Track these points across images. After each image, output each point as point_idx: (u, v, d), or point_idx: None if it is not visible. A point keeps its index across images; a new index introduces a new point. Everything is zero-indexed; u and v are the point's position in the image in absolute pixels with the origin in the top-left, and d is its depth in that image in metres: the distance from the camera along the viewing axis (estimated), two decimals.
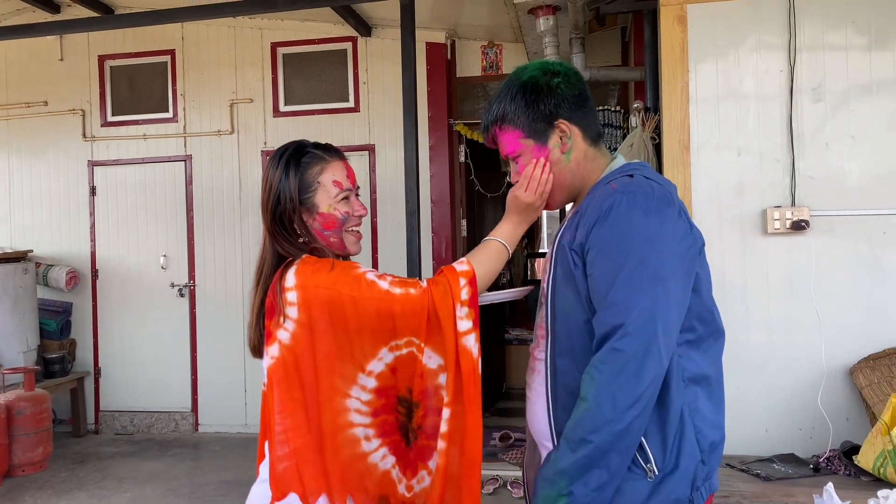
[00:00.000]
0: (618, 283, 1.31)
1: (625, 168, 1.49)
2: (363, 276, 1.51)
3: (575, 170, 1.52)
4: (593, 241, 1.37)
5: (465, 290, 1.49)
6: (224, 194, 5.96)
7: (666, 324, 1.31)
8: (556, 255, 1.46)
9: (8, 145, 6.34)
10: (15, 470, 4.88)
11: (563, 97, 1.49)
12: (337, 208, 1.61)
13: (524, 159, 1.52)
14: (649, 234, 1.33)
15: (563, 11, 4.13)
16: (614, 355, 1.29)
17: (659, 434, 1.35)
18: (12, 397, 4.92)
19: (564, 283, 1.42)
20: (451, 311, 1.47)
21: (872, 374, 3.05)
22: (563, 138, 1.49)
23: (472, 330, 1.49)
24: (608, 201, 1.37)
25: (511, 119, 1.51)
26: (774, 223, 3.21)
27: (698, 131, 3.31)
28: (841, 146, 3.21)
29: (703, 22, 3.30)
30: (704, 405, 1.40)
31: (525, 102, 1.49)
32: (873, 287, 3.17)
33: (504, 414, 6.13)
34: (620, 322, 1.29)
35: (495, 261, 1.56)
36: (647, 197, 1.37)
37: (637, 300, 1.29)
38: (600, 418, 1.28)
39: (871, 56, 3.21)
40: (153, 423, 6.04)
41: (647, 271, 1.31)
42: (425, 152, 5.51)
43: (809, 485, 2.76)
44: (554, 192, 1.54)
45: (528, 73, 1.52)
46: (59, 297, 6.13)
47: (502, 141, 1.54)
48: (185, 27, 5.98)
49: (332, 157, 1.65)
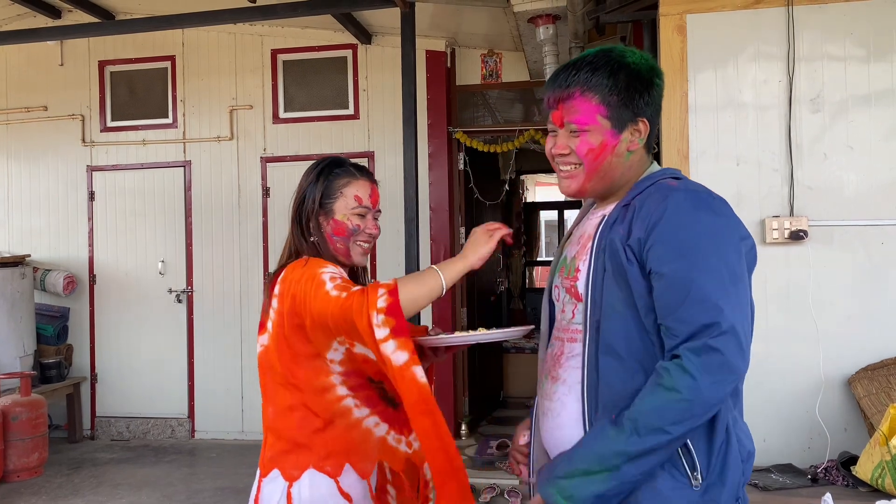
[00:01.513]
0: (701, 281, 1.28)
1: (667, 172, 1.48)
2: (320, 276, 1.63)
3: (627, 169, 1.48)
4: (657, 237, 1.32)
5: (382, 298, 1.52)
6: (223, 200, 5.96)
7: (748, 325, 1.31)
8: (599, 250, 1.40)
9: (7, 150, 6.34)
10: (10, 475, 4.86)
11: (655, 98, 1.47)
12: (350, 219, 1.76)
13: (592, 137, 1.44)
14: (721, 233, 1.33)
15: (563, 20, 4.15)
16: (712, 354, 1.25)
17: (706, 443, 1.33)
18: (8, 402, 4.90)
19: (615, 279, 1.37)
20: (366, 318, 1.51)
21: (870, 384, 3.05)
22: (636, 136, 1.46)
23: (389, 337, 1.51)
24: (671, 199, 1.35)
25: (601, 91, 1.42)
26: (773, 233, 3.21)
27: (697, 140, 3.31)
28: (839, 156, 3.22)
29: (702, 32, 3.31)
30: (739, 416, 1.40)
31: (626, 85, 1.42)
32: (872, 297, 3.18)
33: (502, 422, 6.11)
34: (713, 320, 1.26)
35: (424, 284, 1.59)
36: (711, 196, 1.37)
37: (726, 299, 1.27)
38: (688, 413, 1.26)
39: (869, 67, 3.22)
40: (149, 430, 6.02)
41: (727, 269, 1.30)
42: (424, 160, 5.52)
43: (808, 495, 2.75)
44: (598, 183, 1.48)
45: (635, 58, 1.45)
46: (56, 302, 6.11)
47: (577, 106, 1.44)
48: (186, 33, 5.99)
49: (362, 176, 1.81)
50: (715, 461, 1.33)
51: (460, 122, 5.74)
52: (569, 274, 1.49)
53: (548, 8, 4.01)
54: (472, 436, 5.64)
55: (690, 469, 1.33)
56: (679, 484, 1.33)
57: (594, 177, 1.47)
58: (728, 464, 1.34)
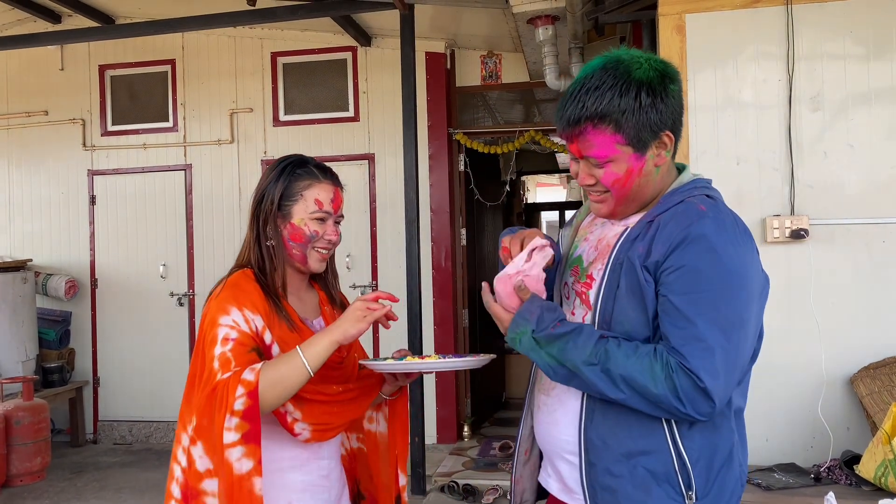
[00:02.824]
0: (705, 317, 1.26)
1: (698, 184, 1.41)
2: (219, 323, 1.52)
3: (658, 183, 1.40)
4: (676, 261, 1.29)
5: (239, 400, 1.42)
6: (224, 203, 5.96)
7: (738, 371, 1.30)
8: (616, 264, 1.36)
9: (8, 154, 6.34)
10: (13, 480, 4.86)
11: (674, 105, 1.36)
12: (308, 224, 1.62)
13: (616, 167, 1.36)
14: (740, 270, 1.29)
15: (563, 21, 4.15)
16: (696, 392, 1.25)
17: (705, 462, 1.33)
18: (11, 407, 4.90)
19: (628, 297, 1.33)
20: (221, 418, 1.43)
21: (873, 383, 3.04)
22: (661, 151, 1.37)
23: (238, 443, 1.42)
24: (697, 225, 1.29)
25: (615, 119, 1.32)
26: (773, 232, 3.21)
27: (697, 140, 3.31)
28: (840, 155, 3.22)
29: (701, 31, 3.31)
30: (741, 437, 1.40)
31: (639, 104, 1.32)
32: (873, 295, 3.17)
33: (504, 424, 6.11)
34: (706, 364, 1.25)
35: (285, 377, 1.46)
36: (735, 228, 1.32)
37: (722, 343, 1.26)
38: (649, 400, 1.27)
39: (869, 65, 3.22)
40: (152, 433, 6.02)
41: (734, 311, 1.28)
42: (425, 161, 5.52)
43: (810, 494, 2.75)
44: (629, 206, 1.41)
45: (642, 72, 1.33)
46: (58, 307, 6.12)
47: (593, 140, 1.35)
48: (186, 37, 6.00)
49: (325, 178, 1.66)
50: (712, 482, 1.33)
51: (460, 124, 5.74)
52: (581, 278, 1.46)
53: (547, 9, 4.02)
54: (475, 437, 5.64)
55: (686, 487, 1.32)
56: (672, 502, 1.32)
57: (625, 201, 1.41)
58: (725, 486, 1.34)
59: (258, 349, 1.54)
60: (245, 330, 1.52)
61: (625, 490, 1.34)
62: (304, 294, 1.72)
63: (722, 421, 1.34)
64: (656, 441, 1.32)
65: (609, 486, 1.35)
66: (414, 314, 4.39)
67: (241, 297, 1.56)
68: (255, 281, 1.61)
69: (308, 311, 1.70)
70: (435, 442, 5.48)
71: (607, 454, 1.35)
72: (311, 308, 1.72)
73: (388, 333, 5.55)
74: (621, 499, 1.34)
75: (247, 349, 1.51)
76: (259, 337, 1.55)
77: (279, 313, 1.59)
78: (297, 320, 1.63)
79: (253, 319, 1.55)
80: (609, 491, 1.35)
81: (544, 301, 1.39)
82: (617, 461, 1.34)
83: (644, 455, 1.33)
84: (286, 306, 1.62)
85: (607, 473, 1.35)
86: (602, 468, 1.36)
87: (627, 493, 1.33)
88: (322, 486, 1.66)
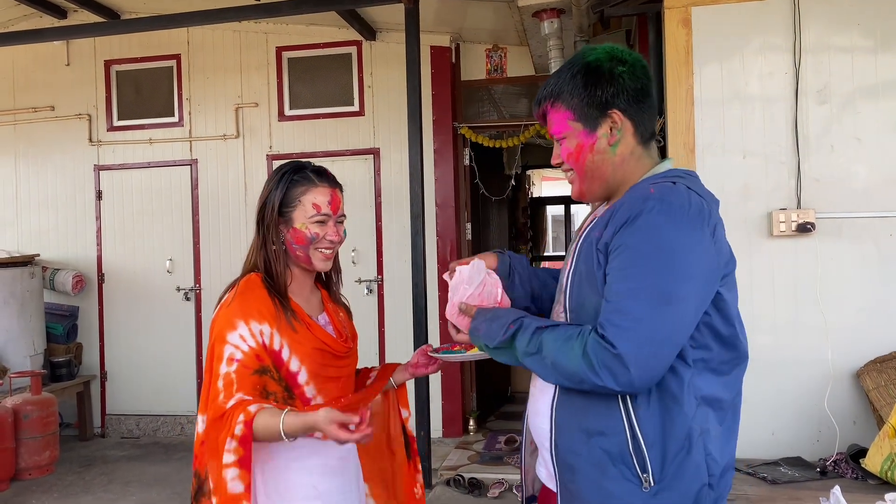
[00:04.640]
0: (632, 291, 1.28)
1: (669, 174, 1.43)
2: (226, 339, 1.62)
3: (618, 164, 1.45)
4: (618, 241, 1.33)
5: (238, 426, 1.54)
6: (230, 198, 5.97)
7: (667, 346, 1.29)
8: (580, 250, 1.43)
9: (15, 150, 6.37)
10: (22, 473, 4.89)
11: (622, 87, 1.43)
12: (308, 227, 1.70)
13: (569, 142, 1.47)
14: (675, 249, 1.29)
15: (568, 14, 4.14)
16: (612, 359, 1.27)
17: (660, 446, 1.33)
18: (19, 401, 4.93)
19: (587, 282, 1.39)
20: (223, 439, 1.55)
21: (879, 376, 3.04)
22: (612, 129, 1.43)
23: (234, 465, 1.53)
24: (642, 205, 1.32)
25: (565, 98, 1.45)
26: (780, 226, 3.20)
27: (703, 134, 3.30)
28: (847, 148, 3.21)
29: (707, 24, 3.30)
30: (714, 428, 1.37)
31: (584, 84, 1.43)
32: (880, 289, 3.16)
33: (509, 417, 6.12)
34: (622, 333, 1.27)
35: (268, 426, 1.54)
36: (682, 210, 1.32)
37: (646, 313, 1.27)
38: (571, 374, 1.32)
39: (876, 58, 3.20)
40: (159, 427, 6.05)
41: (664, 285, 1.28)
42: (430, 156, 5.51)
43: (816, 488, 2.75)
44: (592, 183, 1.48)
45: (594, 55, 1.45)
46: (65, 301, 6.15)
47: (551, 118, 1.49)
48: (191, 32, 6.00)
49: (321, 182, 1.73)
50: (669, 466, 1.32)
51: (465, 118, 5.74)
52: (565, 269, 1.52)
53: (552, 2, 4.01)
54: (480, 431, 5.65)
55: (641, 470, 1.33)
56: (629, 485, 1.33)
57: (585, 178, 1.48)
58: (683, 472, 1.32)
59: (262, 369, 1.62)
60: (251, 346, 1.62)
61: (583, 468, 1.37)
62: (308, 294, 1.80)
63: (674, 405, 1.33)
64: (613, 422, 1.34)
65: (571, 464, 1.39)
66: (419, 308, 4.40)
67: (249, 307, 1.65)
68: (263, 285, 1.69)
69: (313, 309, 1.78)
70: (441, 436, 5.50)
71: (570, 435, 1.39)
72: (315, 306, 1.80)
73: (393, 327, 5.60)
74: (579, 478, 1.37)
75: (250, 371, 1.61)
76: (267, 348, 1.63)
77: (286, 314, 1.67)
78: (304, 317, 1.71)
79: (260, 331, 1.63)
80: (570, 470, 1.39)
81: (488, 311, 1.50)
82: (578, 441, 1.38)
83: (601, 435, 1.35)
84: (294, 306, 1.70)
85: (570, 452, 1.39)
86: (564, 447, 1.40)
87: (585, 472, 1.36)
88: (340, 468, 1.76)
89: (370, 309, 5.62)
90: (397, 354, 5.43)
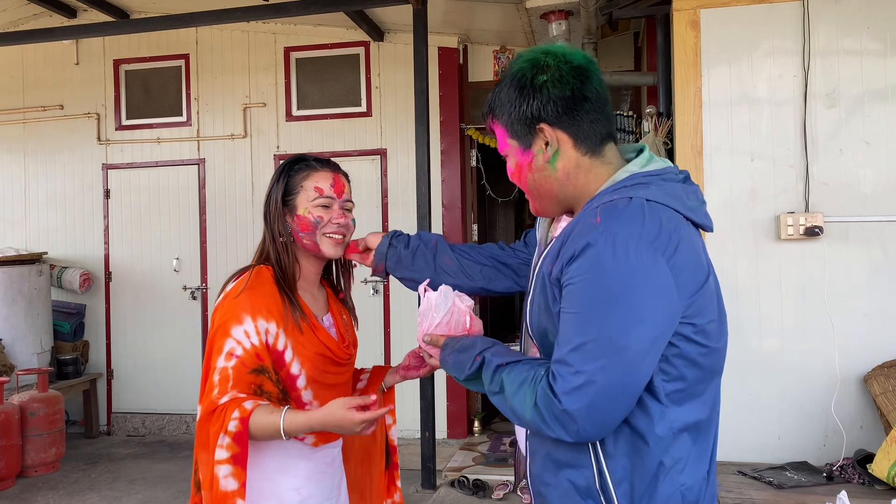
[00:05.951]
0: (580, 344, 1.18)
1: (630, 181, 1.27)
2: (223, 342, 1.59)
3: (563, 179, 1.32)
4: (566, 277, 1.22)
5: (233, 423, 1.52)
6: (237, 198, 5.99)
7: (617, 399, 1.19)
8: (536, 279, 1.32)
9: (24, 148, 6.40)
10: (28, 470, 4.91)
11: (548, 98, 1.28)
12: (311, 212, 1.67)
13: (510, 161, 1.37)
14: (621, 292, 1.17)
15: (576, 16, 4.13)
16: (560, 414, 1.19)
17: (628, 482, 1.25)
18: (26, 398, 4.95)
19: (545, 313, 1.29)
20: (215, 435, 1.54)
21: (887, 381, 3.02)
22: (547, 145, 1.30)
23: (227, 461, 1.52)
24: (586, 238, 1.19)
25: (498, 115, 1.34)
26: (788, 229, 3.19)
27: (711, 136, 3.29)
28: (855, 152, 3.19)
29: (716, 27, 3.29)
30: (689, 453, 1.27)
31: (509, 98, 1.31)
32: (888, 294, 3.15)
33: None
34: (566, 387, 1.18)
35: (268, 425, 1.53)
36: (632, 240, 1.17)
37: (596, 370, 1.16)
38: (527, 422, 1.26)
39: (886, 61, 3.19)
40: (165, 425, 6.07)
41: (612, 336, 1.17)
42: (437, 157, 5.52)
43: (822, 493, 2.73)
44: (542, 201, 1.37)
45: (518, 65, 1.32)
46: (72, 299, 6.17)
47: (496, 134, 1.38)
48: (200, 32, 6.03)
49: (322, 167, 1.71)
50: (638, 502, 1.24)
51: (473, 119, 5.74)
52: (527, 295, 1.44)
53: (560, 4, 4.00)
54: (485, 432, 5.64)
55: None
56: None
57: (533, 196, 1.38)
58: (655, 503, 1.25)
59: (260, 368, 1.59)
60: (253, 344, 1.59)
61: (552, 499, 1.32)
62: (316, 291, 1.78)
63: (643, 444, 1.24)
64: (581, 455, 1.28)
65: (541, 493, 1.35)
66: None
67: (258, 302, 1.61)
68: (274, 280, 1.66)
69: (319, 308, 1.76)
70: (445, 437, 5.50)
71: (542, 463, 1.34)
72: (321, 305, 1.78)
73: (399, 327, 5.60)
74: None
75: (247, 369, 1.58)
76: (270, 348, 1.60)
77: (294, 313, 1.65)
78: (311, 318, 1.69)
79: (266, 329, 1.60)
80: (541, 498, 1.35)
81: (456, 342, 1.43)
82: (548, 470, 1.33)
83: (570, 467, 1.29)
84: (302, 304, 1.68)
85: (540, 481, 1.35)
86: (536, 475, 1.36)
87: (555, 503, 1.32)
88: (326, 473, 1.74)
89: (376, 310, 5.62)
90: (403, 356, 5.43)
